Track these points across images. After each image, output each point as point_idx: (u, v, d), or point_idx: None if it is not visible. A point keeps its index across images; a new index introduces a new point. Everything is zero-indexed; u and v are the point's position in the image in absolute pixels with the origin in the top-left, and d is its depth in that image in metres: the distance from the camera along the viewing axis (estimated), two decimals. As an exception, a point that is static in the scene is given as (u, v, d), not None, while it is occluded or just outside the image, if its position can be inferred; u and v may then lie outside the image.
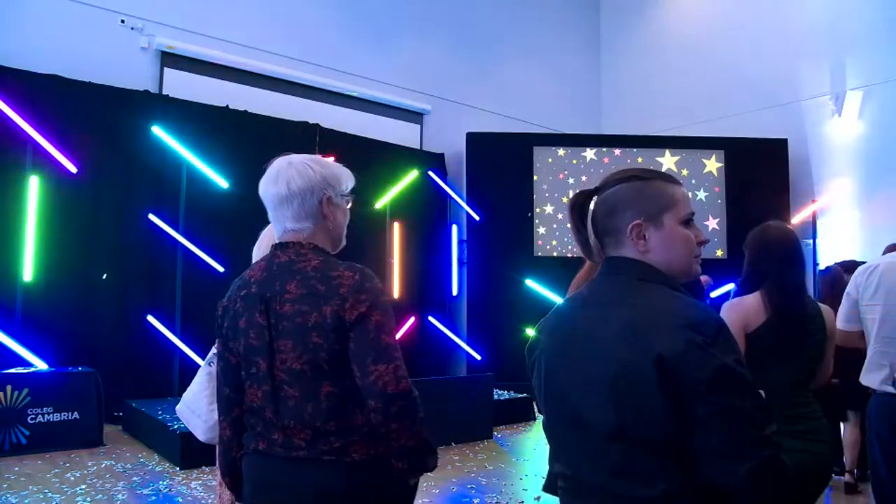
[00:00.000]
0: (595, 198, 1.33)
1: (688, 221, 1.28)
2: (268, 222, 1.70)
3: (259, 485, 1.56)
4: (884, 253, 4.00)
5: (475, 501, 4.32)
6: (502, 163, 9.34)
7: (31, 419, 5.16)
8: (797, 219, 9.39)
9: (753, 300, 2.17)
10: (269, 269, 1.56)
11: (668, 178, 1.31)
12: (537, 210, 9.32)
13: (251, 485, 1.58)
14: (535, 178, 9.37)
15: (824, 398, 2.25)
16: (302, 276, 1.50)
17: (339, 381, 1.47)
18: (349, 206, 1.68)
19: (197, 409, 2.27)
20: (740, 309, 2.16)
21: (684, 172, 9.45)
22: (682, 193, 1.29)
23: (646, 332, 1.12)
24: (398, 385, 1.44)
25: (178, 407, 2.33)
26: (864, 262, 2.99)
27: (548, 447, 1.40)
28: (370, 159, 8.60)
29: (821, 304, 2.27)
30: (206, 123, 7.17)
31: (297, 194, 1.55)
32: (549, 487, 1.44)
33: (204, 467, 4.71)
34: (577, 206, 1.34)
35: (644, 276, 1.23)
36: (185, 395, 2.33)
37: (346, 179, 1.66)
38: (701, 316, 1.12)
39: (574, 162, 9.43)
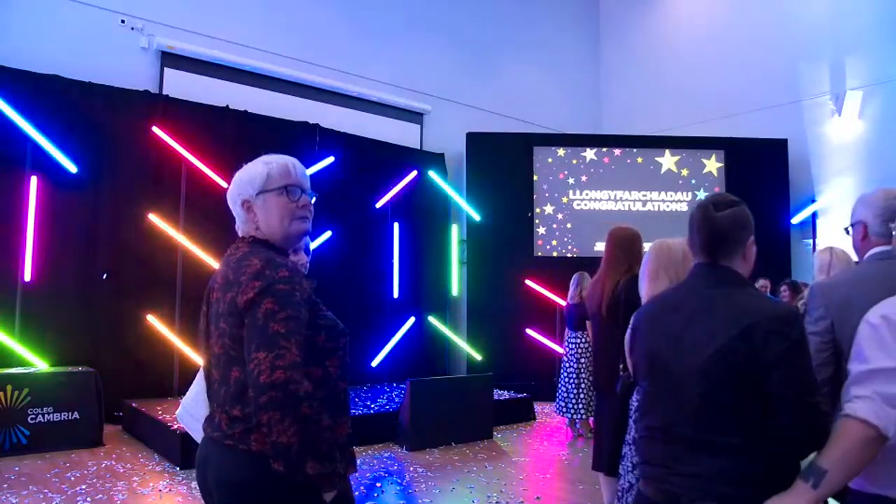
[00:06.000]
0: (710, 209, 1.63)
1: None
2: None
3: (196, 462, 1.66)
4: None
5: (475, 501, 4.32)
6: (502, 163, 9.34)
7: (31, 419, 5.16)
8: (797, 219, 9.40)
9: None
10: (221, 263, 1.69)
11: None
12: (537, 210, 9.32)
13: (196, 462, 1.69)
14: (535, 178, 9.38)
15: None
16: (227, 266, 1.59)
17: (246, 368, 1.47)
18: (290, 197, 1.63)
19: (196, 412, 2.24)
20: None
21: (684, 172, 9.46)
22: None
23: (743, 320, 1.48)
24: (271, 375, 1.37)
25: (177, 412, 2.31)
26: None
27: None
28: (370, 159, 8.61)
29: None
30: (206, 123, 7.16)
31: (230, 201, 1.69)
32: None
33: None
34: (711, 217, 1.63)
35: (738, 282, 1.60)
36: (184, 399, 2.31)
37: (264, 177, 1.64)
38: (777, 311, 1.50)
39: (574, 162, 9.43)
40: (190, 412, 2.27)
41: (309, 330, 1.51)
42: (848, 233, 2.03)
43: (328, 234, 7.85)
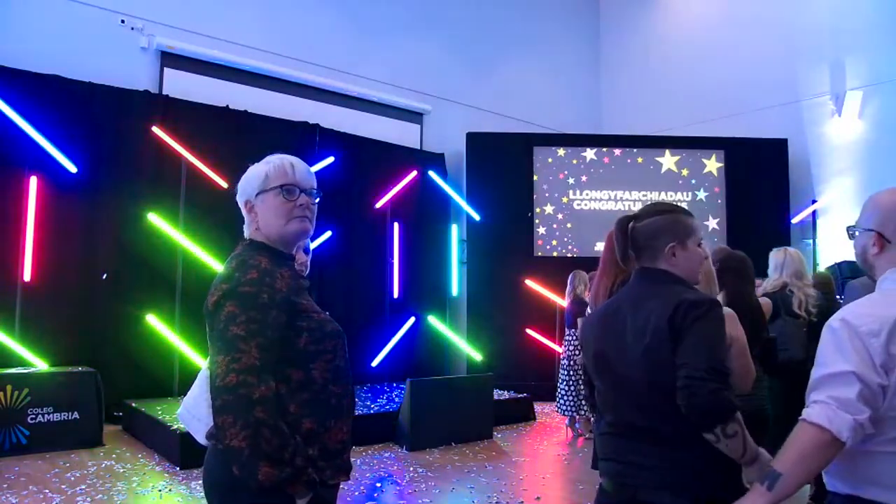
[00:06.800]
0: (633, 223, 1.79)
1: (700, 243, 1.80)
2: None
3: None
4: None
5: (475, 501, 4.32)
6: (502, 163, 9.33)
7: (31, 419, 5.16)
8: (797, 219, 9.40)
9: None
10: None
11: (687, 212, 1.82)
12: (537, 210, 9.32)
13: None
14: (535, 178, 9.37)
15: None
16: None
17: None
18: (287, 196, 1.60)
19: (197, 412, 2.24)
20: None
21: (684, 172, 9.45)
22: (698, 224, 1.83)
23: (665, 307, 1.60)
24: (224, 378, 1.37)
25: (178, 412, 2.31)
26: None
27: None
28: (370, 159, 8.61)
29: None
30: (206, 123, 7.16)
31: (238, 203, 1.69)
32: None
33: (204, 467, 4.71)
34: (624, 228, 1.78)
35: (669, 280, 1.73)
36: (185, 399, 2.31)
37: (262, 177, 1.63)
38: (696, 297, 1.64)
39: (574, 162, 9.43)
40: (191, 412, 2.26)
41: (288, 331, 1.48)
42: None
43: (328, 234, 7.85)
